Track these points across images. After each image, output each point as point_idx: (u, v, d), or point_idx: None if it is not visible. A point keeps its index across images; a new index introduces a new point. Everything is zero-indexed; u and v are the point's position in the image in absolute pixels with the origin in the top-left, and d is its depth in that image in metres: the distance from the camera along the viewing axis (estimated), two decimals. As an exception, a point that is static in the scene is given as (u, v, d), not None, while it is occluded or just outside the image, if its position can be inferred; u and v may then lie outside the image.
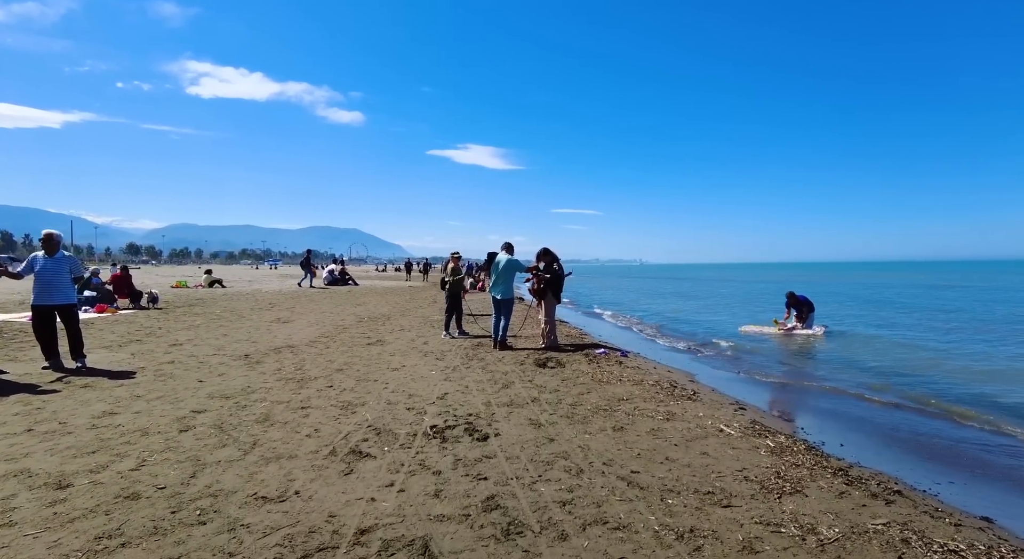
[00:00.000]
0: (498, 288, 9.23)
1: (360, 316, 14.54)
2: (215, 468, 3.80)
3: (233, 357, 8.24)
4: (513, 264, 9.33)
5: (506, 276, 9.22)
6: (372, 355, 8.59)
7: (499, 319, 9.21)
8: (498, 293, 9.19)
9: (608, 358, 8.26)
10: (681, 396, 5.92)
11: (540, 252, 9.59)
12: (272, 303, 17.91)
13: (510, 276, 9.31)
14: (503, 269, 9.20)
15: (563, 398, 5.79)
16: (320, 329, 11.78)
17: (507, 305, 9.20)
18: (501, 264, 9.24)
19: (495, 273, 9.30)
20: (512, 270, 9.31)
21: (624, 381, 6.60)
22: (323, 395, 6.00)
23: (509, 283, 9.26)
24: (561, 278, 9.43)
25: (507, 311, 9.21)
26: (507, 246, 9.52)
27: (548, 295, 9.28)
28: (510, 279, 9.33)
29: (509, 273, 9.26)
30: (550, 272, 9.36)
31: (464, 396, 5.95)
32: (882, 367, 9.25)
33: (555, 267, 9.42)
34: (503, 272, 9.20)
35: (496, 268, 9.30)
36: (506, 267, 9.21)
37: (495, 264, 9.39)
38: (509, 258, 9.32)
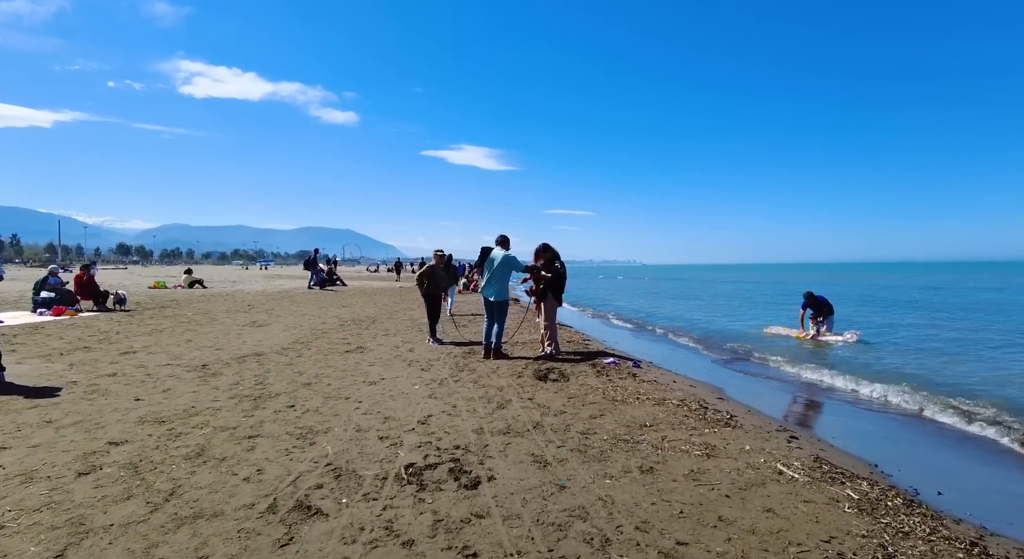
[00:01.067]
0: (491, 288, 8.08)
1: (343, 319, 13.46)
2: (98, 539, 2.74)
3: (188, 368, 7.16)
4: (509, 261, 8.13)
5: (501, 275, 8.07)
6: (348, 365, 7.53)
7: (492, 324, 8.10)
8: (491, 294, 8.04)
9: (619, 369, 7.24)
10: (716, 421, 4.88)
11: (539, 248, 8.56)
12: (251, 305, 16.79)
13: (505, 275, 8.14)
14: (498, 267, 8.05)
15: (571, 423, 4.76)
16: (296, 334, 10.71)
17: (501, 308, 8.06)
18: (496, 261, 8.08)
19: (488, 271, 8.13)
20: (508, 268, 8.11)
21: (643, 399, 5.56)
22: (280, 418, 4.94)
23: (504, 283, 8.12)
24: (563, 278, 8.44)
25: (501, 315, 8.09)
26: (502, 240, 8.29)
27: (548, 297, 8.28)
28: (505, 278, 8.16)
29: (505, 271, 8.09)
30: (551, 271, 8.37)
31: (451, 420, 4.91)
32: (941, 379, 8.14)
33: (556, 265, 8.42)
34: (498, 270, 8.05)
35: (490, 265, 8.14)
36: (502, 264, 8.04)
37: (489, 261, 8.22)
38: (505, 254, 8.11)
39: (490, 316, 8.17)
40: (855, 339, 11.34)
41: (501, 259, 8.08)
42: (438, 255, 10.19)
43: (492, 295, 8.06)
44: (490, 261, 8.18)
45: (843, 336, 11.47)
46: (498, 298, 8.04)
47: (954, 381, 7.96)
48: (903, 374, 8.33)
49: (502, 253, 8.13)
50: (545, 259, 8.55)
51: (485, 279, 8.22)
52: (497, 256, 8.13)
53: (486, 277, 8.19)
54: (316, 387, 6.22)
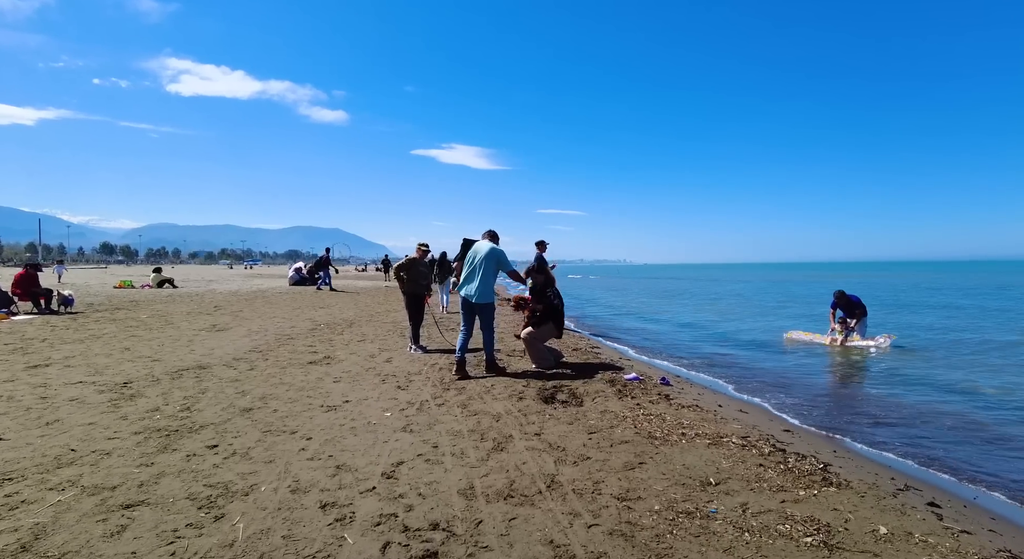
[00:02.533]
0: (472, 285, 6.38)
1: (317, 322, 11.98)
2: None
3: (103, 387, 5.69)
4: (497, 255, 6.46)
5: (485, 271, 6.39)
6: (308, 382, 6.09)
7: (469, 332, 6.48)
8: (472, 293, 6.35)
9: (645, 388, 5.82)
10: (806, 473, 3.43)
11: (533, 267, 7.22)
12: (218, 306, 15.25)
13: (491, 271, 6.45)
14: (482, 259, 6.39)
15: (601, 477, 3.35)
16: (258, 339, 9.23)
17: (486, 312, 6.46)
18: (480, 254, 6.43)
19: (469, 266, 6.51)
20: (495, 263, 6.46)
21: (692, 436, 4.11)
22: (190, 468, 3.51)
23: (489, 281, 6.46)
24: (559, 312, 6.99)
25: (488, 320, 6.49)
26: (491, 234, 6.76)
27: (548, 325, 6.87)
28: (490, 276, 6.47)
29: (490, 266, 6.41)
30: (542, 300, 6.92)
31: (430, 470, 3.50)
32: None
33: (548, 294, 6.96)
34: (481, 264, 6.38)
35: (471, 259, 6.52)
36: (487, 258, 6.38)
37: (471, 253, 6.59)
38: (493, 247, 6.50)
39: (468, 322, 6.53)
40: (888, 344, 10.01)
41: (487, 252, 6.41)
42: (421, 249, 8.74)
43: (474, 295, 6.34)
44: (472, 253, 6.55)
45: (876, 341, 10.13)
46: (481, 299, 6.34)
47: None
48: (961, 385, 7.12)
49: (488, 245, 6.51)
50: (538, 282, 7.16)
51: (465, 275, 6.54)
52: (482, 248, 6.49)
53: (466, 272, 6.54)
54: (257, 415, 4.78)
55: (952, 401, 6.55)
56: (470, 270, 6.47)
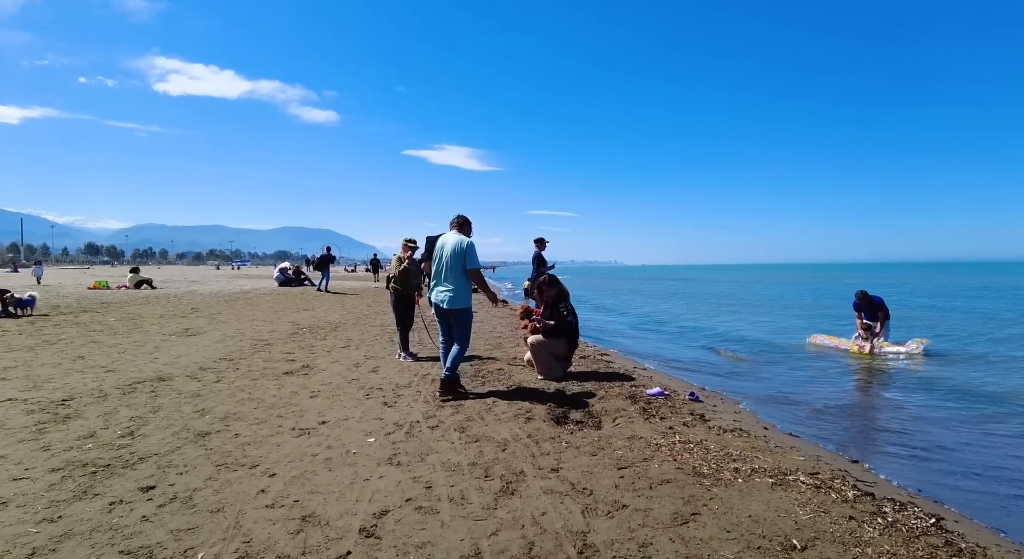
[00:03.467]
0: (440, 289, 5.29)
1: (299, 325, 11.12)
2: None
3: (35, 406, 4.84)
4: (464, 251, 5.21)
5: (453, 269, 5.23)
6: (281, 397, 5.26)
7: (447, 341, 5.47)
8: (442, 298, 5.25)
9: (673, 405, 4.98)
10: (923, 534, 2.60)
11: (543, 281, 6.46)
12: (195, 308, 14.33)
13: (459, 270, 5.23)
14: (448, 256, 5.23)
15: (647, 536, 2.55)
16: (231, 346, 8.38)
17: (460, 320, 5.27)
18: (446, 250, 5.27)
19: (436, 264, 5.40)
20: (460, 259, 5.21)
21: (748, 473, 3.25)
22: (107, 523, 2.70)
23: (460, 281, 5.26)
24: (575, 332, 6.17)
25: (462, 329, 5.28)
26: (459, 222, 5.53)
27: (561, 341, 6.04)
28: (460, 275, 5.25)
29: (457, 262, 5.21)
30: (555, 317, 6.12)
31: (423, 523, 2.71)
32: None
33: (561, 309, 6.15)
34: (447, 262, 5.24)
35: (438, 257, 5.36)
36: (453, 254, 5.21)
37: (437, 250, 5.42)
38: (458, 240, 5.28)
39: (447, 330, 5.46)
40: (921, 349, 9.25)
41: (452, 247, 5.21)
42: (408, 245, 7.79)
43: (444, 300, 5.22)
44: (439, 249, 5.37)
45: (906, 346, 9.37)
46: (453, 304, 5.17)
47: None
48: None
49: (455, 238, 5.28)
50: (550, 298, 6.32)
51: (432, 275, 5.45)
52: (448, 242, 5.28)
53: (433, 273, 5.43)
54: (214, 441, 3.96)
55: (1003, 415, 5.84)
56: (437, 269, 5.35)
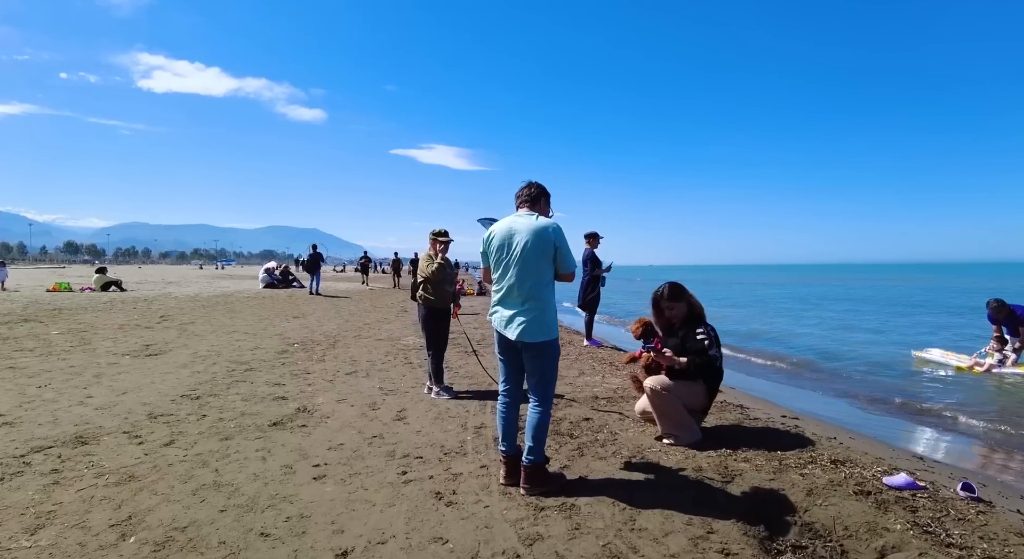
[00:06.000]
0: (510, 310, 3.14)
1: (289, 339, 9.04)
2: None
3: None
4: (552, 243, 3.09)
5: (531, 274, 3.09)
6: (267, 482, 3.24)
7: (516, 394, 3.31)
8: (511, 324, 3.12)
9: (954, 512, 2.84)
10: None
11: (666, 291, 4.09)
12: (165, 315, 12.15)
13: (543, 275, 3.12)
14: (523, 254, 3.08)
15: None
16: (202, 372, 6.31)
17: (540, 357, 3.13)
18: (515, 244, 3.11)
19: (501, 267, 3.21)
20: (549, 257, 3.10)
21: None
22: None
23: (542, 297, 3.11)
24: (720, 369, 3.99)
25: (541, 373, 3.14)
26: (533, 193, 3.28)
27: (698, 384, 3.90)
28: (544, 284, 3.13)
29: (542, 264, 3.10)
30: (693, 349, 3.87)
31: None
32: None
33: (700, 339, 3.87)
34: (521, 263, 3.09)
35: (504, 254, 3.17)
36: (533, 251, 3.07)
37: (503, 241, 3.18)
38: (540, 226, 3.10)
39: (511, 373, 3.29)
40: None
41: (530, 235, 3.08)
42: (440, 240, 5.70)
43: (517, 328, 3.08)
44: (501, 242, 3.19)
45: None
46: (530, 335, 3.07)
47: None
48: None
49: (533, 224, 3.12)
50: (678, 318, 4.06)
51: (498, 287, 3.26)
52: (519, 230, 3.13)
53: (498, 283, 3.26)
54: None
55: None
56: (501, 276, 3.18)
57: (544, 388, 3.15)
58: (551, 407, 3.17)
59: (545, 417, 3.13)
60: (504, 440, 3.24)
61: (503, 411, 3.27)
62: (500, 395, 3.32)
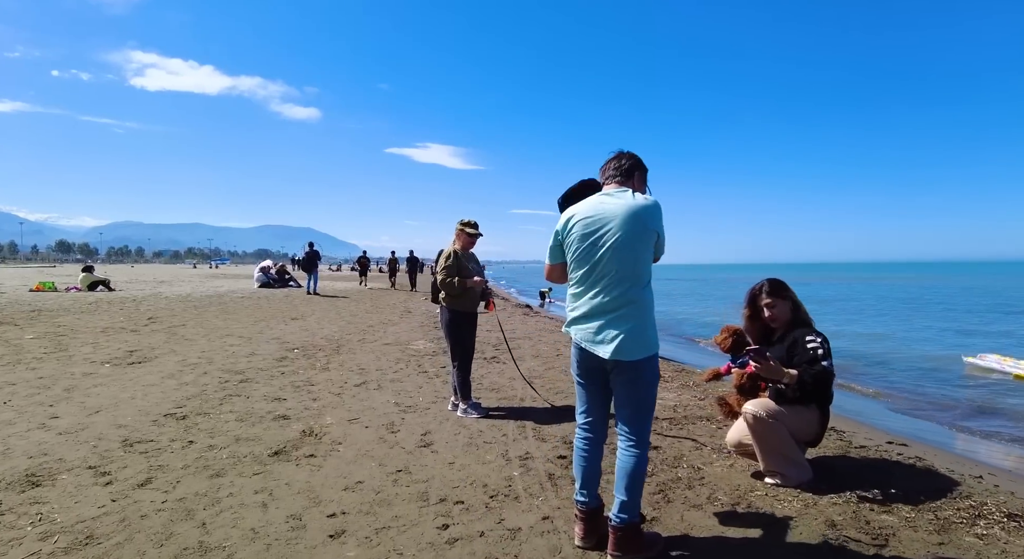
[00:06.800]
0: (598, 321, 2.29)
1: (287, 345, 8.24)
2: None
3: None
4: (651, 227, 2.26)
5: (626, 268, 2.25)
6: (271, 540, 2.46)
7: (597, 424, 2.47)
8: (601, 337, 2.27)
9: None
10: None
11: (767, 286, 3.27)
12: (154, 317, 11.32)
13: (639, 270, 2.27)
14: (617, 243, 2.23)
15: None
16: (191, 384, 5.51)
17: (638, 378, 2.29)
18: (611, 234, 2.24)
19: (584, 262, 2.32)
20: (646, 245, 2.27)
21: None
22: None
23: (639, 299, 2.27)
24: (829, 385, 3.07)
25: (639, 399, 2.32)
26: (625, 165, 2.40)
27: (811, 410, 3.08)
28: (641, 283, 2.28)
29: (638, 255, 2.25)
30: (806, 358, 3.02)
31: None
32: None
33: (812, 349, 3.02)
34: (613, 255, 2.24)
35: (585, 243, 2.31)
36: (630, 239, 2.23)
37: (587, 234, 2.31)
38: (637, 207, 2.25)
39: (595, 400, 2.47)
40: None
41: (631, 219, 2.22)
42: (467, 232, 4.86)
43: (613, 343, 2.23)
44: (593, 229, 2.29)
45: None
46: (627, 352, 2.23)
47: None
48: None
49: (633, 203, 2.26)
50: (780, 321, 3.25)
51: (578, 287, 2.38)
52: (614, 213, 2.26)
53: (580, 280, 2.37)
54: None
55: None
56: (589, 274, 2.33)
57: (641, 421, 2.37)
58: (646, 446, 2.39)
59: (643, 462, 2.35)
60: (584, 487, 2.46)
61: (584, 450, 2.49)
62: (579, 429, 2.53)
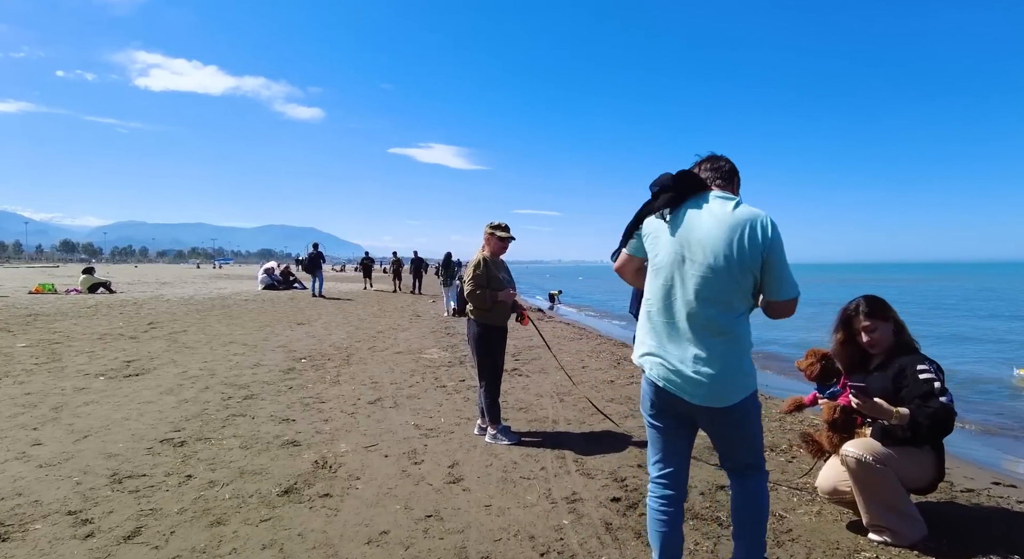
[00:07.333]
0: (686, 346, 1.81)
1: (295, 354, 7.77)
2: None
3: None
4: (762, 246, 1.76)
5: (722, 298, 1.79)
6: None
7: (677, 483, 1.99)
8: (696, 378, 1.78)
9: None
10: None
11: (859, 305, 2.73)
12: (154, 322, 10.87)
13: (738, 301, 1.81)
14: (717, 261, 1.77)
15: None
16: (192, 401, 5.04)
17: (744, 420, 1.87)
18: (706, 247, 1.78)
19: (662, 275, 1.87)
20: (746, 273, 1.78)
21: None
22: None
23: (737, 334, 1.81)
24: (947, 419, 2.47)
25: (750, 440, 1.92)
26: (727, 172, 2.04)
27: (924, 452, 2.54)
28: (737, 315, 1.82)
29: (734, 280, 1.78)
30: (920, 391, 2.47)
31: None
32: None
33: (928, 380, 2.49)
34: (714, 276, 1.77)
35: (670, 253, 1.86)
36: (730, 256, 1.76)
37: (674, 241, 1.85)
38: (745, 219, 1.79)
39: (675, 451, 1.98)
40: None
41: (733, 232, 1.77)
42: (498, 236, 4.26)
43: (703, 385, 1.77)
44: (684, 238, 1.83)
45: None
46: (726, 399, 1.79)
47: None
48: None
49: (738, 214, 1.80)
50: (881, 347, 2.70)
51: (656, 306, 1.89)
52: (712, 221, 1.81)
53: (660, 301, 1.87)
54: None
55: None
56: (671, 291, 1.85)
57: (754, 452, 1.95)
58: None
59: (766, 488, 1.92)
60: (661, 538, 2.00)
61: (662, 512, 2.00)
62: (654, 483, 2.04)
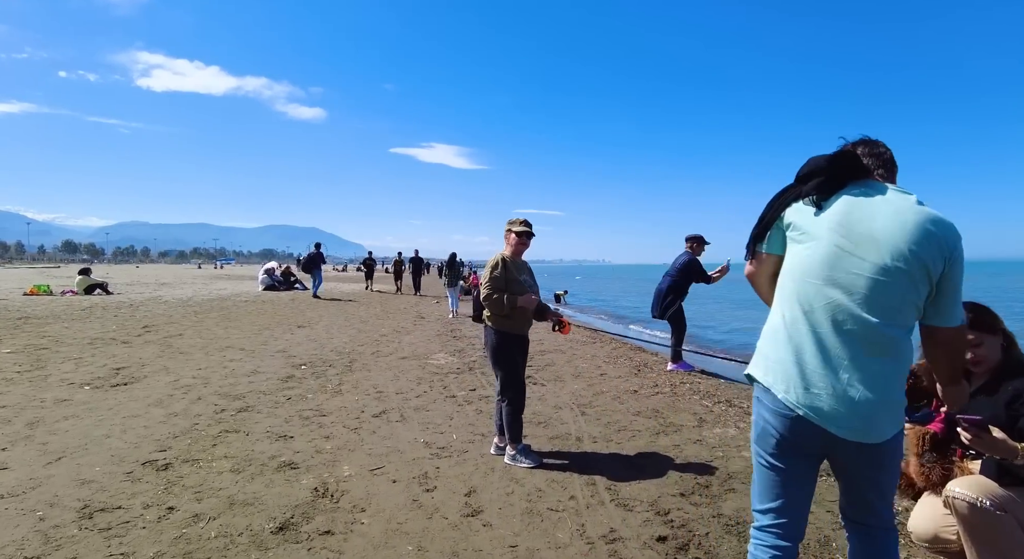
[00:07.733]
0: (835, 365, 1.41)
1: (294, 359, 7.36)
2: None
3: None
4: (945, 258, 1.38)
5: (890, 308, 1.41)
6: None
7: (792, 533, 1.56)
8: (849, 407, 1.39)
9: None
10: None
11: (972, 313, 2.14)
12: (149, 326, 10.47)
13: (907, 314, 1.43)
14: (891, 263, 1.39)
15: None
16: (181, 415, 4.63)
17: (888, 459, 1.49)
18: (879, 246, 1.39)
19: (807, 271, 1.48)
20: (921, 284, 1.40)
21: None
22: None
23: (900, 353, 1.43)
24: None
25: (889, 483, 1.53)
26: (890, 159, 1.61)
27: None
28: (903, 332, 1.43)
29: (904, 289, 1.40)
30: None
31: None
32: None
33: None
34: (886, 279, 1.39)
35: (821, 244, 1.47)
36: (906, 261, 1.38)
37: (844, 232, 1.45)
38: (930, 221, 1.40)
39: (795, 494, 1.56)
40: None
41: (915, 233, 1.38)
42: (515, 231, 3.88)
43: (857, 414, 1.40)
44: (850, 229, 1.44)
45: None
46: (883, 432, 1.43)
47: None
48: None
49: (921, 213, 1.41)
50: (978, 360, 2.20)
51: (793, 310, 1.50)
52: (888, 217, 1.41)
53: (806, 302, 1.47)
54: None
55: None
56: (821, 291, 1.45)
57: (887, 503, 1.57)
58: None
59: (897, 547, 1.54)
60: None
61: None
62: (761, 532, 1.60)
